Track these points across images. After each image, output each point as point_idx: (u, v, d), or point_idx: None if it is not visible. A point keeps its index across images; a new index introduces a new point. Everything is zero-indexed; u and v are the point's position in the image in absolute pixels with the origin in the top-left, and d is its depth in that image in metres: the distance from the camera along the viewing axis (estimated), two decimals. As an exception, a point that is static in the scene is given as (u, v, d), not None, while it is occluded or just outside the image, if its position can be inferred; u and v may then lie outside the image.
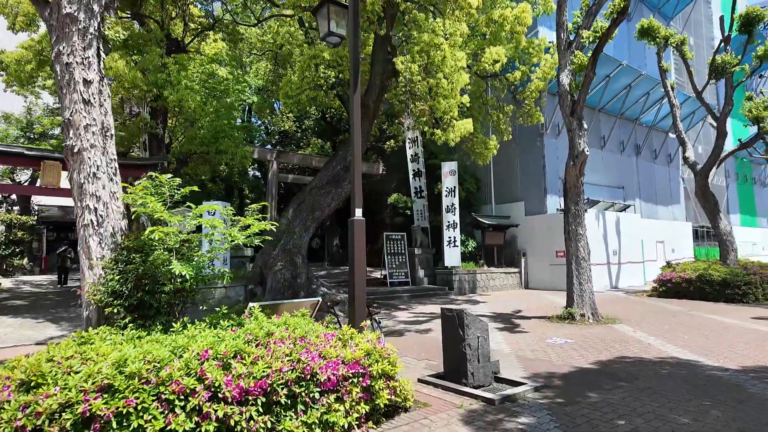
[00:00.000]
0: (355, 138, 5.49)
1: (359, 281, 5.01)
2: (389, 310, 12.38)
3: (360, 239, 5.14)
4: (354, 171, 5.37)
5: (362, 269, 5.14)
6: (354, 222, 5.18)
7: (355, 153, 5.43)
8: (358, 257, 5.07)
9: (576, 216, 9.95)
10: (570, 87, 9.61)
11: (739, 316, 10.06)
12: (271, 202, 15.51)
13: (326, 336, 4.50)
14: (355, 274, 5.01)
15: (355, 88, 5.57)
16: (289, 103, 11.51)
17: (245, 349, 3.75)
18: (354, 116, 5.53)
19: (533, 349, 7.13)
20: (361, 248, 5.15)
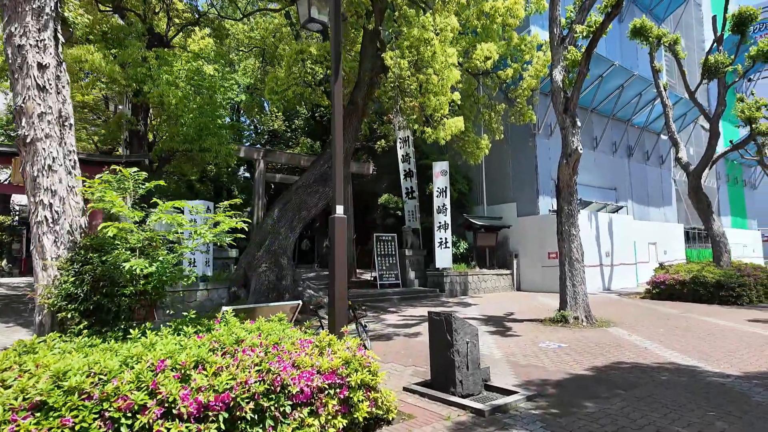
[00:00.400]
0: (336, 132, 5.15)
1: (340, 284, 4.66)
2: (378, 312, 12.02)
3: (341, 238, 4.80)
4: (335, 165, 5.02)
5: (343, 271, 4.79)
6: (335, 220, 4.84)
7: (336, 146, 5.09)
8: (339, 258, 4.72)
9: (569, 216, 9.69)
10: (563, 83, 9.36)
11: (735, 319, 9.84)
12: (258, 202, 15.10)
13: (302, 343, 4.14)
14: (335, 276, 4.66)
15: (336, 77, 5.23)
16: (275, 100, 11.15)
17: (208, 359, 3.38)
18: (335, 108, 5.19)
19: (525, 354, 6.82)
20: (343, 248, 4.81)
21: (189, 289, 10.76)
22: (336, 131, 5.10)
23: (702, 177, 15.39)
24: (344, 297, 4.79)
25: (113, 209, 4.16)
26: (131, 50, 10.64)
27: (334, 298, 4.70)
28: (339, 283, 4.66)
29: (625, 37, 22.59)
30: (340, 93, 5.26)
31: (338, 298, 4.63)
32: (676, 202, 25.74)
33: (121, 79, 10.22)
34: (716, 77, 14.68)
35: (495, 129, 13.69)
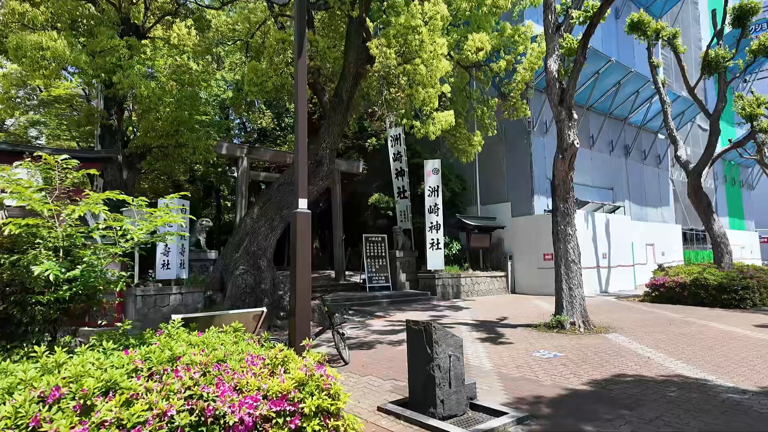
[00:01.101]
0: (300, 114, 4.52)
1: (302, 289, 4.03)
2: (364, 317, 11.39)
3: (304, 237, 4.17)
4: (298, 154, 4.40)
5: (306, 274, 4.16)
6: (297, 216, 4.21)
7: (299, 132, 4.46)
8: (301, 259, 4.10)
9: (565, 215, 9.10)
10: (558, 73, 8.78)
11: (740, 324, 9.28)
12: (240, 201, 14.45)
13: (252, 360, 3.51)
14: (297, 281, 4.03)
15: (300, 52, 4.61)
16: (254, 91, 10.51)
17: (122, 383, 2.74)
18: (299, 87, 4.56)
19: (518, 365, 6.20)
20: (306, 248, 4.18)
21: (161, 293, 10.10)
22: (299, 114, 4.48)
23: (702, 176, 14.87)
24: (307, 304, 4.17)
25: (18, 202, 3.51)
26: (100, 39, 9.98)
27: (295, 307, 4.07)
28: (301, 288, 4.03)
29: (621, 34, 22.15)
30: (304, 70, 4.63)
31: (300, 305, 4.01)
32: (673, 203, 25.27)
33: (88, 68, 9.54)
34: (717, 72, 14.18)
35: (488, 125, 13.12)
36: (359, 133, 21.04)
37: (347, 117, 11.48)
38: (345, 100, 11.00)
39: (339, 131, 11.27)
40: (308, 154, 11.24)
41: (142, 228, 3.88)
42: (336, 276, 17.20)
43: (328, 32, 14.18)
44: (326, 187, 12.01)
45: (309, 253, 4.27)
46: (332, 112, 11.11)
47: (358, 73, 10.90)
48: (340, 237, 17.47)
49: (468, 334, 8.73)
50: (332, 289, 15.70)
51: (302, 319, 4.06)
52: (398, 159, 18.43)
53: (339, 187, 17.62)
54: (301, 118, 4.52)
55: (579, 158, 15.73)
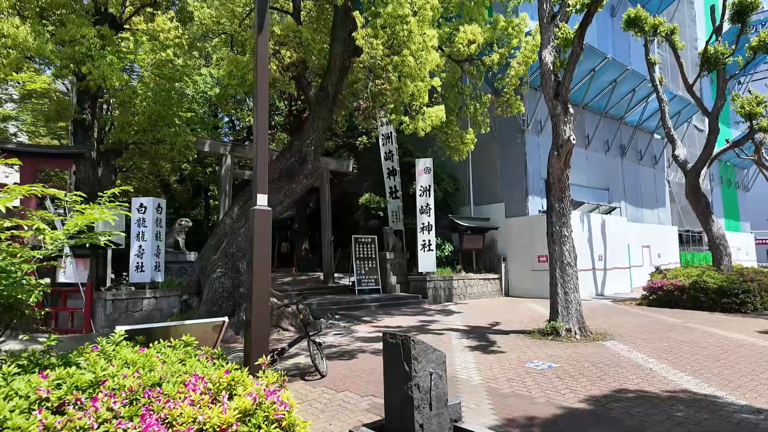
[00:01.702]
0: (259, 93, 3.98)
1: (259, 298, 3.50)
2: (351, 322, 10.86)
3: (263, 237, 3.64)
4: (258, 143, 3.86)
5: (264, 280, 3.63)
6: (255, 213, 3.68)
7: (258, 112, 3.93)
8: (260, 263, 3.57)
9: (561, 215, 8.62)
10: (554, 65, 8.31)
11: (744, 330, 8.84)
12: (224, 200, 13.88)
13: (193, 383, 2.98)
14: (254, 288, 3.50)
15: (261, 27, 4.07)
16: (234, 84, 9.95)
17: (11, 422, 2.20)
18: (259, 65, 4.02)
19: (509, 378, 5.69)
20: (265, 250, 3.65)
21: (133, 297, 9.52)
22: (259, 91, 3.94)
23: (701, 176, 14.46)
24: (265, 314, 3.63)
25: None
26: (69, 27, 9.39)
27: (252, 318, 3.53)
28: (258, 296, 3.50)
29: (617, 33, 21.79)
30: (264, 46, 4.08)
31: (257, 316, 3.47)
32: (669, 204, 24.93)
33: (55, 58, 8.96)
34: (716, 69, 13.77)
35: (480, 122, 12.63)
36: (350, 131, 20.52)
37: (333, 112, 10.95)
38: (331, 95, 10.48)
39: (324, 127, 10.73)
40: (292, 150, 10.75)
41: (70, 226, 3.32)
42: (324, 279, 16.65)
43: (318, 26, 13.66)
44: (311, 185, 11.46)
45: (268, 256, 3.75)
46: (317, 107, 10.58)
47: (344, 66, 10.39)
48: (329, 238, 16.93)
49: (458, 341, 8.22)
50: (319, 292, 15.15)
51: (259, 332, 3.52)
52: (390, 158, 17.94)
53: (328, 186, 17.09)
54: (261, 99, 3.98)
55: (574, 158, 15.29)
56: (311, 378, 5.88)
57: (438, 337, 8.67)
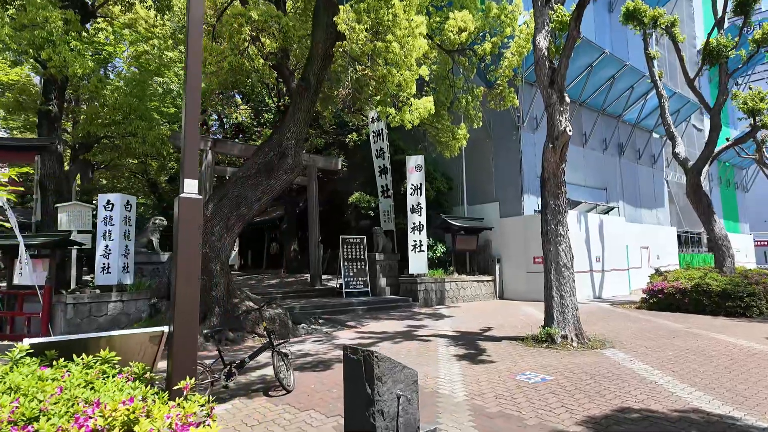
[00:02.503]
0: (191, 60, 3.34)
1: (185, 305, 2.86)
2: (334, 327, 10.21)
3: (190, 230, 3.01)
4: (187, 119, 3.22)
5: (192, 283, 3.00)
6: (180, 202, 3.04)
7: (190, 81, 3.28)
8: (187, 260, 2.94)
9: (556, 213, 8.01)
10: (549, 51, 7.71)
11: (752, 336, 8.24)
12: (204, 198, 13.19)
13: (88, 416, 2.33)
14: (178, 293, 2.86)
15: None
16: (208, 72, 9.32)
17: None
18: (190, 21, 3.38)
19: (498, 394, 5.06)
20: (192, 245, 3.02)
21: (97, 300, 8.84)
22: (190, 55, 3.30)
23: (702, 174, 13.90)
24: (192, 323, 2.99)
25: None
26: (30, 10, 8.73)
27: (177, 330, 2.89)
28: (184, 304, 2.85)
29: (615, 29, 21.27)
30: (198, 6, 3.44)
31: (181, 325, 2.82)
32: (668, 204, 24.41)
33: (11, 43, 8.30)
34: (718, 62, 13.22)
35: (473, 116, 12.02)
36: (339, 128, 19.89)
37: (315, 103, 10.32)
38: (313, 84, 9.84)
39: (306, 119, 10.09)
40: (271, 144, 10.09)
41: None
42: (311, 281, 16.00)
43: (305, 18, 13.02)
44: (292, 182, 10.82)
45: (197, 252, 3.12)
46: (298, 98, 9.93)
47: (327, 54, 9.75)
48: (317, 238, 16.27)
49: (444, 349, 7.59)
50: (305, 295, 14.49)
51: (184, 348, 2.88)
52: (381, 155, 17.33)
53: (315, 184, 16.46)
54: (193, 62, 3.33)
55: (571, 156, 14.71)
56: (276, 393, 5.23)
57: (424, 344, 8.03)
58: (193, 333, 2.98)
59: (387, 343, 8.26)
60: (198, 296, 3.06)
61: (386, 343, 8.26)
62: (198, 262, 3.14)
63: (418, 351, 7.47)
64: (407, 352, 7.42)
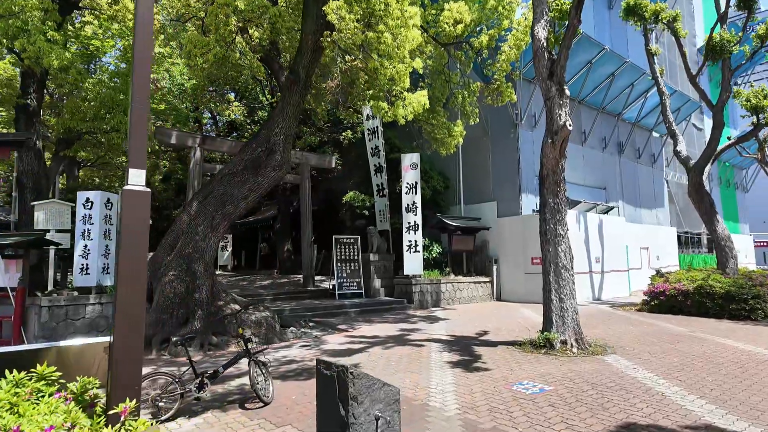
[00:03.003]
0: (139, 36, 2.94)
1: (128, 311, 2.47)
2: (324, 331, 9.81)
3: (136, 227, 2.61)
4: (135, 100, 2.82)
5: (137, 287, 2.60)
6: (125, 194, 2.65)
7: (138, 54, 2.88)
8: (129, 261, 2.54)
9: (555, 212, 7.63)
10: (548, 42, 7.33)
11: (760, 341, 7.88)
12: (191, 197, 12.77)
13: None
14: (119, 298, 2.46)
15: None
16: (192, 64, 8.92)
17: None
18: None
19: (492, 406, 4.67)
20: (139, 241, 2.63)
21: (75, 303, 8.43)
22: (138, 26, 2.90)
23: (704, 173, 13.55)
24: (136, 336, 2.60)
25: None
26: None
27: (120, 341, 2.49)
28: (126, 311, 2.46)
29: (614, 26, 20.93)
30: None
31: (123, 340, 2.43)
32: (668, 204, 24.08)
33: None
34: (721, 58, 12.86)
35: (469, 112, 11.65)
36: (334, 126, 19.49)
37: (305, 97, 9.94)
38: (302, 77, 9.45)
39: (295, 114, 9.70)
40: (258, 140, 9.70)
41: None
42: (304, 282, 15.60)
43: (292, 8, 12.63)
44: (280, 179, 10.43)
45: (143, 251, 2.73)
46: (287, 91, 9.55)
47: (317, 46, 9.35)
48: (310, 238, 15.88)
49: (437, 355, 7.20)
50: (297, 296, 14.09)
51: (125, 362, 2.48)
52: (376, 154, 16.91)
53: (308, 182, 16.06)
54: (141, 34, 2.94)
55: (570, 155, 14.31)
56: (253, 405, 4.84)
57: (417, 350, 7.64)
58: (138, 344, 2.59)
59: (378, 348, 7.87)
60: (143, 301, 2.67)
61: (377, 348, 7.87)
62: (144, 262, 2.75)
63: (409, 357, 7.08)
64: (398, 358, 7.03)
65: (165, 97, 17.70)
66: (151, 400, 4.40)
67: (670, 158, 24.56)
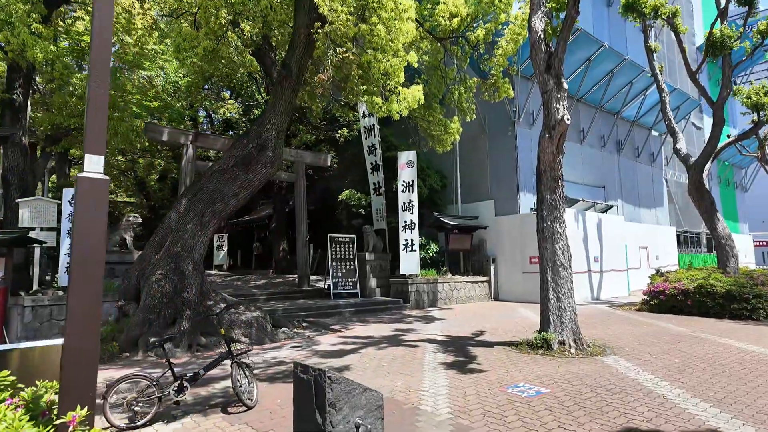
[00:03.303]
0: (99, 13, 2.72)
1: (81, 312, 2.25)
2: (317, 331, 9.60)
3: (90, 217, 2.39)
4: (92, 77, 2.60)
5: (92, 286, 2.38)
6: (80, 182, 2.43)
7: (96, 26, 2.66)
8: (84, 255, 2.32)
9: (553, 209, 7.43)
10: (545, 34, 7.13)
11: (762, 341, 7.69)
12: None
13: None
14: (72, 298, 2.25)
15: None
16: (182, 57, 8.70)
17: None
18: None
19: (486, 411, 4.46)
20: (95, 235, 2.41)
21: (59, 303, 8.20)
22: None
23: (704, 171, 13.37)
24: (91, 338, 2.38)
25: None
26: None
27: (66, 339, 2.27)
28: (79, 311, 2.24)
29: (613, 23, 20.71)
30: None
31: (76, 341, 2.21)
32: (667, 204, 23.90)
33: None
34: (721, 54, 12.67)
35: (466, 108, 11.45)
36: (330, 123, 19.28)
37: (298, 92, 9.72)
38: (295, 72, 9.23)
39: (287, 109, 9.48)
40: (250, 136, 9.48)
41: None
42: (299, 281, 15.38)
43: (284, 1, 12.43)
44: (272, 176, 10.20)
45: (100, 245, 2.51)
46: (279, 87, 9.34)
47: (309, 40, 9.14)
48: (305, 237, 15.66)
49: (431, 356, 6.99)
50: (291, 296, 13.88)
51: (76, 366, 2.26)
52: (373, 152, 16.69)
53: (303, 180, 15.84)
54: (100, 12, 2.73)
55: (568, 153, 14.11)
56: (236, 409, 4.62)
57: (410, 351, 7.43)
58: (93, 347, 2.37)
59: (371, 349, 7.66)
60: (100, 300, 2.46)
61: (370, 349, 7.65)
62: (101, 256, 2.53)
63: (403, 358, 6.87)
64: (391, 359, 6.82)
65: (159, 94, 17.46)
66: (126, 404, 4.19)
67: (669, 157, 24.40)
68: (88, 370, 2.32)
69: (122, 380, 4.24)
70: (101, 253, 2.52)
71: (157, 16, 14.10)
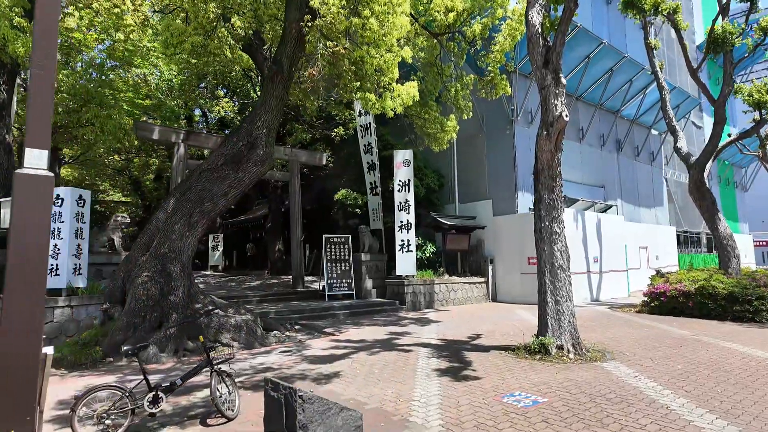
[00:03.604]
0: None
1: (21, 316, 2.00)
2: (309, 335, 9.35)
3: (29, 216, 2.14)
4: (34, 66, 2.34)
5: (35, 291, 2.12)
6: (18, 179, 2.18)
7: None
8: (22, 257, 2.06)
9: (551, 208, 7.18)
10: (543, 27, 6.89)
11: (767, 345, 7.45)
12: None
13: None
14: (9, 304, 1.99)
15: None
16: (170, 53, 8.46)
17: None
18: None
19: (479, 422, 4.22)
20: (39, 233, 2.15)
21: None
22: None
23: (706, 170, 13.14)
24: (33, 343, 2.12)
25: None
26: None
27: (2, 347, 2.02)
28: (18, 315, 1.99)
29: (613, 21, 20.49)
30: None
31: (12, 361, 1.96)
32: (667, 203, 23.67)
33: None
34: (723, 51, 12.44)
35: (463, 106, 11.20)
36: (325, 122, 19.01)
37: (289, 88, 9.47)
38: (286, 68, 8.98)
39: (278, 106, 9.23)
40: (240, 134, 9.21)
41: None
42: (293, 283, 15.12)
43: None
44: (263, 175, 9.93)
45: (42, 244, 2.26)
46: (270, 83, 9.08)
47: (301, 35, 8.89)
48: (299, 237, 15.41)
49: (425, 362, 6.74)
50: (285, 298, 13.62)
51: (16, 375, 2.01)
52: (369, 151, 16.44)
53: (298, 180, 15.58)
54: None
55: (567, 152, 13.89)
56: (215, 421, 4.37)
57: (404, 356, 7.18)
58: (34, 355, 2.12)
59: (363, 353, 7.41)
60: (42, 305, 2.20)
61: (362, 353, 7.41)
62: (44, 260, 2.28)
63: (395, 364, 6.62)
64: (383, 365, 6.57)
65: (153, 92, 17.20)
66: (97, 417, 3.93)
67: (669, 156, 24.18)
68: (27, 381, 2.06)
69: (92, 390, 3.98)
70: (44, 256, 2.27)
71: (150, 12, 13.85)
